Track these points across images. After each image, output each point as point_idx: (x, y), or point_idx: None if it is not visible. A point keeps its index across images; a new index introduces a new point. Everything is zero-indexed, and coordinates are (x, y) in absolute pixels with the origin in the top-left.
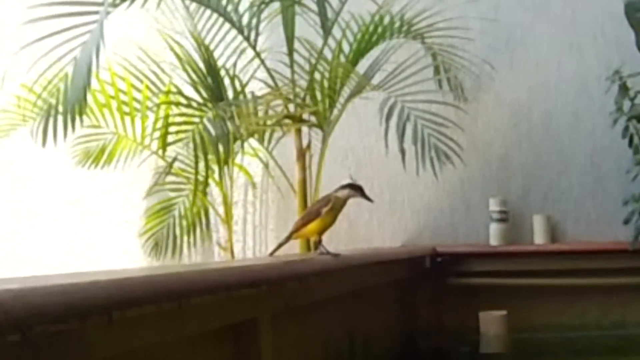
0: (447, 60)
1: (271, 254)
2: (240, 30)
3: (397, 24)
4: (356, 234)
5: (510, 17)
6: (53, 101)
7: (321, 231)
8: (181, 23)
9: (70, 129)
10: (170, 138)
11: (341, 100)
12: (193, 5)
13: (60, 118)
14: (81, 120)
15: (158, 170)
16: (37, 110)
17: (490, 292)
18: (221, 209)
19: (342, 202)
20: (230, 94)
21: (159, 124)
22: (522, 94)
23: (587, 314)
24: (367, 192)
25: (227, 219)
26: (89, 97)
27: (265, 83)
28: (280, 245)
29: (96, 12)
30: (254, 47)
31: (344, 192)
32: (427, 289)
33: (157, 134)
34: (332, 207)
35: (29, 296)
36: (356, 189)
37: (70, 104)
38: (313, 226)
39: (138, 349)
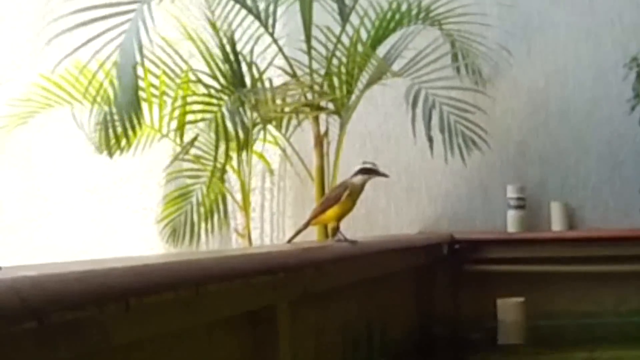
0: (465, 47)
1: (289, 240)
2: (258, 17)
3: (414, 11)
4: (374, 221)
5: (527, 3)
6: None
7: (340, 217)
8: (198, 9)
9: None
10: (188, 125)
11: (359, 86)
12: None
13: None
14: (140, 126)
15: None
16: (57, 98)
17: (507, 279)
18: (239, 196)
19: (359, 188)
20: (247, 80)
21: (177, 110)
22: (539, 80)
23: (604, 301)
24: (383, 178)
25: (245, 206)
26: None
27: (283, 70)
28: (298, 232)
29: (131, 11)
30: (271, 34)
31: (359, 178)
32: (444, 276)
33: (175, 120)
34: (350, 193)
35: (46, 283)
36: (370, 172)
37: (126, 114)
38: (332, 212)
39: (155, 336)
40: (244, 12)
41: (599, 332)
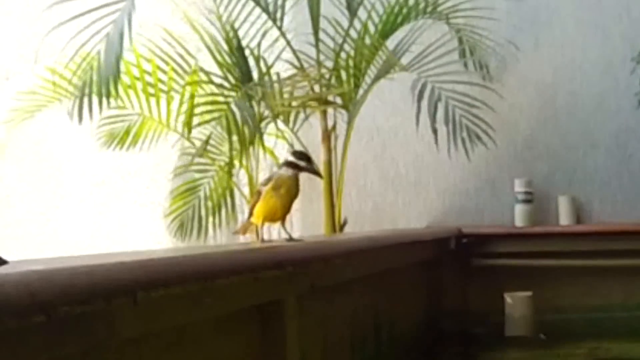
0: (472, 41)
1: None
2: (266, 10)
3: (421, 5)
4: (381, 215)
5: None
6: (83, 79)
7: (268, 215)
8: (205, 2)
9: (96, 107)
10: (196, 119)
11: (367, 80)
12: None
13: (92, 96)
14: (116, 94)
15: (184, 152)
16: (65, 91)
17: (515, 273)
18: (246, 190)
19: (289, 181)
20: (255, 74)
21: (186, 105)
22: (547, 74)
23: (612, 295)
24: (391, 172)
25: None
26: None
27: (291, 64)
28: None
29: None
30: (279, 27)
31: (283, 171)
32: (452, 270)
33: (183, 115)
34: (274, 187)
35: (55, 277)
36: (293, 166)
37: (104, 79)
38: (259, 208)
39: (163, 330)
40: (251, 4)
41: (607, 326)
